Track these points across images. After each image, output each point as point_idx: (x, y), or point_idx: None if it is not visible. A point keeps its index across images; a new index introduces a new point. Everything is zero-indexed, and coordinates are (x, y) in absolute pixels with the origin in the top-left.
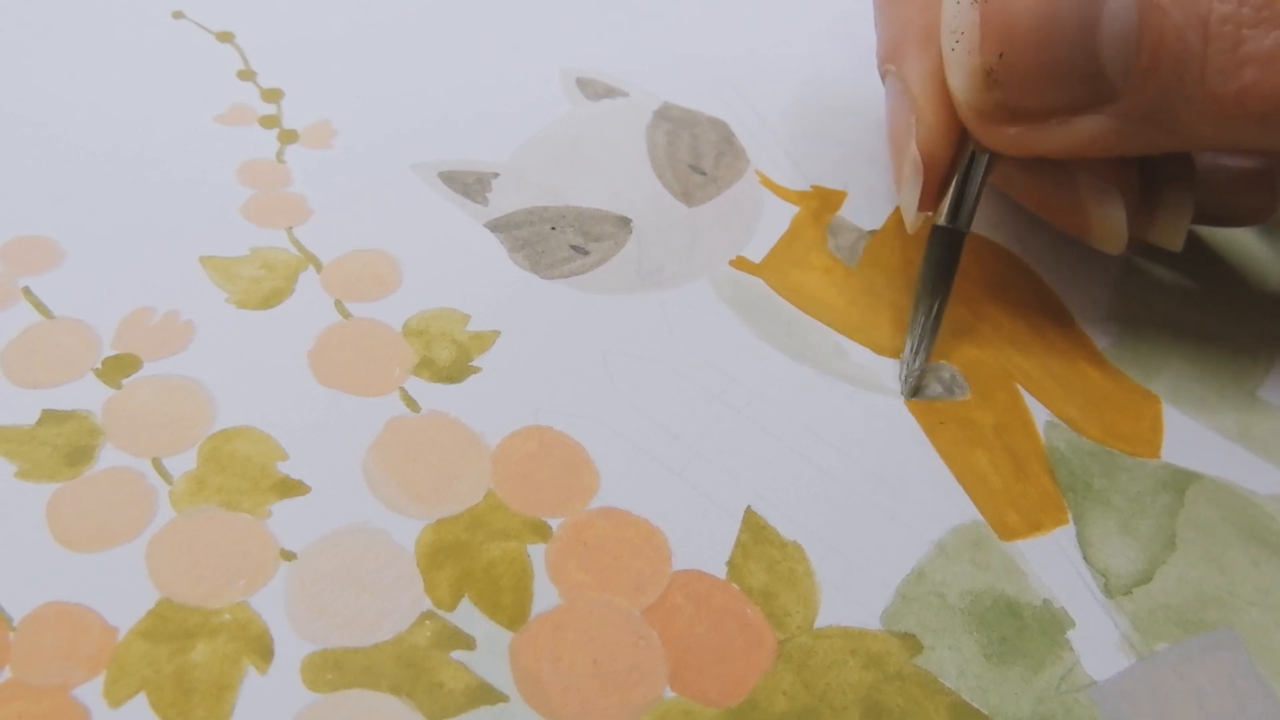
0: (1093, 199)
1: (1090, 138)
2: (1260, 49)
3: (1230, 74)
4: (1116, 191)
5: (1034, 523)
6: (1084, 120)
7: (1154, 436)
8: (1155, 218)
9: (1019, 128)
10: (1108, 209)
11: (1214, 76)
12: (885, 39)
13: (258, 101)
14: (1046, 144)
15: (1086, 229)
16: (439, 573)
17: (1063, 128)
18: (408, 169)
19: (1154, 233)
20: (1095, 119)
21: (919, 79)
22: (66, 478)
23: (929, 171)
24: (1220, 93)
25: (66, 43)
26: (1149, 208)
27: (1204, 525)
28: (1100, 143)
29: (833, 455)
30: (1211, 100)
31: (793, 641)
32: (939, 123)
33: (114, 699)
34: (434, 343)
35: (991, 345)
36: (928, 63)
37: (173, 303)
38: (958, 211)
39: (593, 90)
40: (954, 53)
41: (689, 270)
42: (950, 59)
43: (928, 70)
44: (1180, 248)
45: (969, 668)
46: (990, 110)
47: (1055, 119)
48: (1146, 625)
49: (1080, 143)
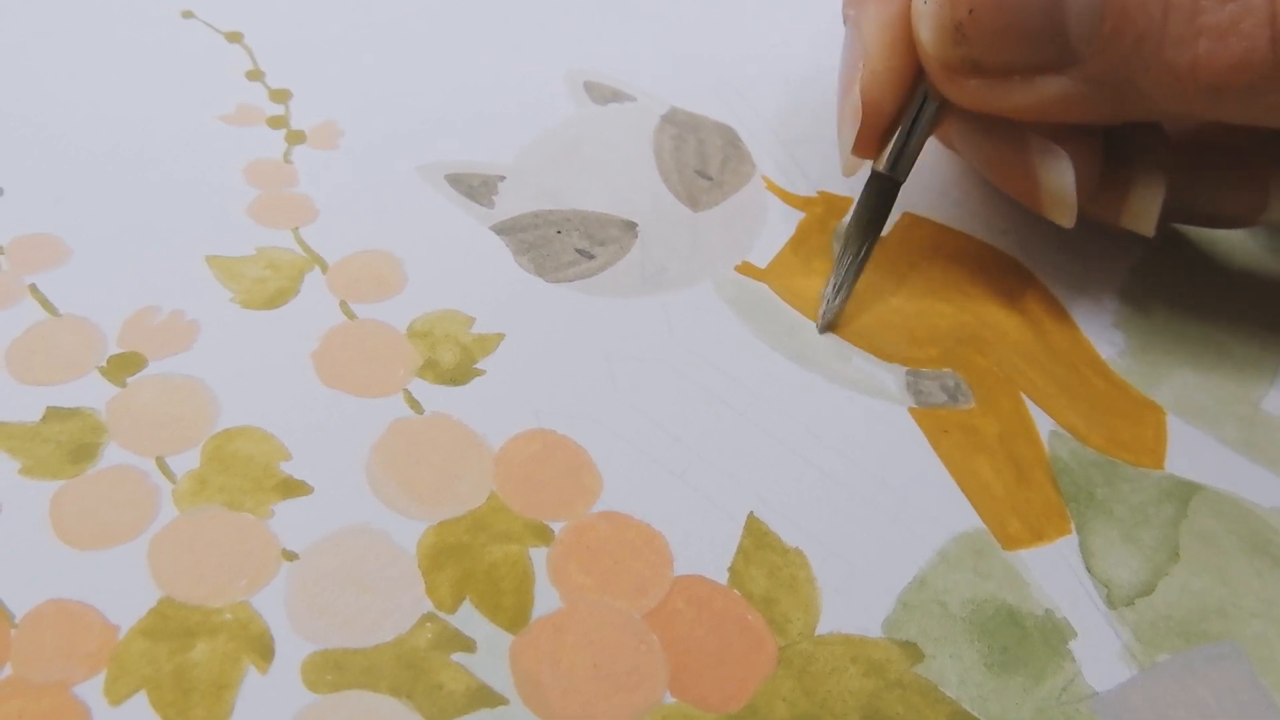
0: (1040, 160)
1: (1051, 99)
2: (1215, 21)
3: (1186, 44)
4: (1065, 153)
5: (1036, 532)
6: (1046, 81)
7: (1158, 447)
8: (1127, 200)
9: (982, 81)
10: (1056, 172)
11: (1171, 46)
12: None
13: (266, 102)
14: (1009, 101)
15: (1036, 196)
16: (440, 574)
17: (1025, 86)
18: (414, 171)
19: (1126, 216)
20: (1057, 80)
21: (874, 26)
22: (70, 475)
23: (868, 117)
24: (1175, 63)
25: (78, 42)
26: (1121, 190)
27: (1207, 536)
28: (1061, 105)
29: (835, 460)
30: (1167, 70)
31: (793, 648)
32: (886, 69)
33: (114, 697)
34: (438, 345)
35: (996, 353)
36: (886, 11)
37: (178, 302)
38: (898, 161)
39: (599, 94)
40: (925, 5)
41: (693, 274)
42: (920, 11)
43: (886, 18)
44: (1152, 233)
45: (970, 677)
46: (956, 64)
47: (1018, 77)
48: (1148, 636)
49: (1041, 103)
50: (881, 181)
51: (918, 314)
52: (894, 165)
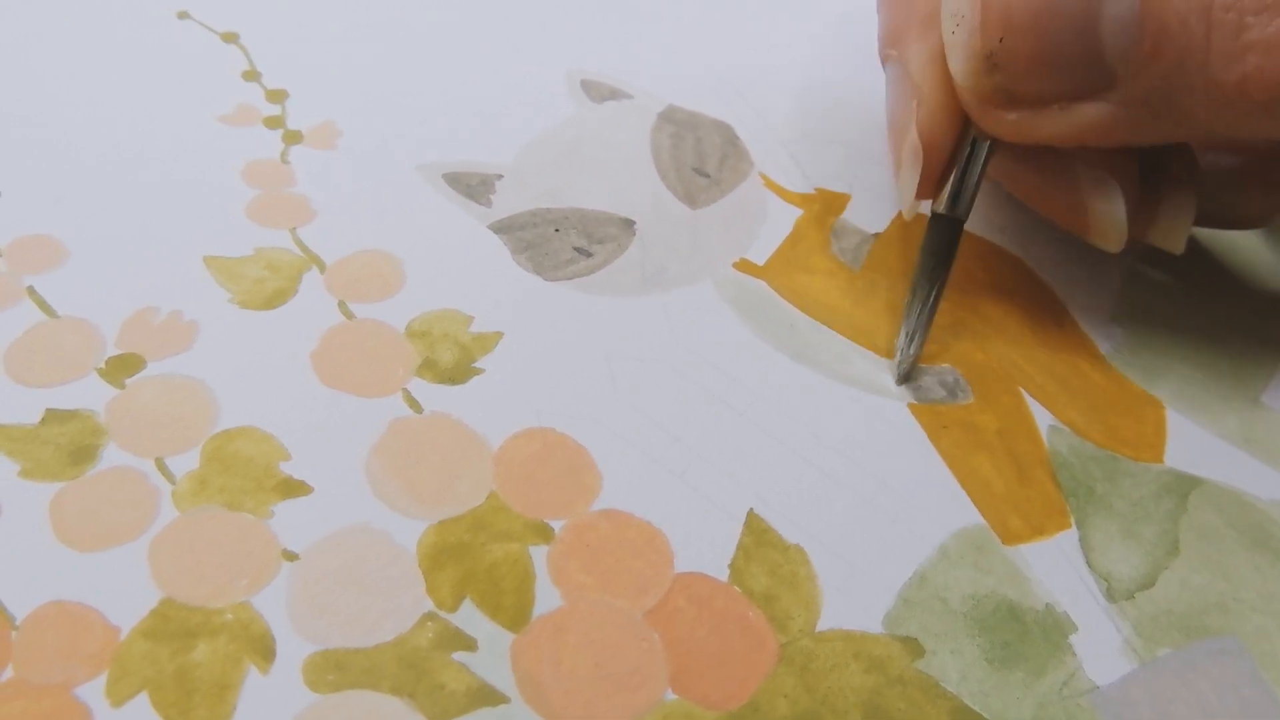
0: (1092, 191)
1: (1091, 125)
2: (1263, 36)
3: (1233, 61)
4: (1116, 184)
5: (1036, 527)
6: (1085, 107)
7: (1157, 441)
8: (1156, 218)
9: (1019, 113)
10: (1107, 202)
11: (1217, 63)
12: (887, 23)
13: (262, 102)
14: (1047, 130)
15: (1085, 224)
16: (441, 574)
17: (1063, 114)
18: (412, 170)
19: (1155, 234)
20: (1096, 106)
21: (920, 63)
22: (69, 477)
23: (929, 156)
24: (1223, 80)
25: (72, 43)
26: (1150, 208)
27: (1207, 530)
28: (1101, 130)
29: (835, 458)
30: (1214, 88)
31: (794, 645)
32: (940, 107)
33: (116, 698)
34: (437, 344)
35: (995, 349)
36: (929, 46)
37: (176, 303)
38: (957, 199)
39: (597, 92)
40: (954, 36)
41: (692, 272)
42: (950, 42)
43: (929, 54)
44: (1181, 250)
45: (971, 672)
46: (990, 95)
47: (1056, 105)
48: (1149, 630)
49: (1081, 129)
50: (943, 223)
51: None
52: (954, 204)
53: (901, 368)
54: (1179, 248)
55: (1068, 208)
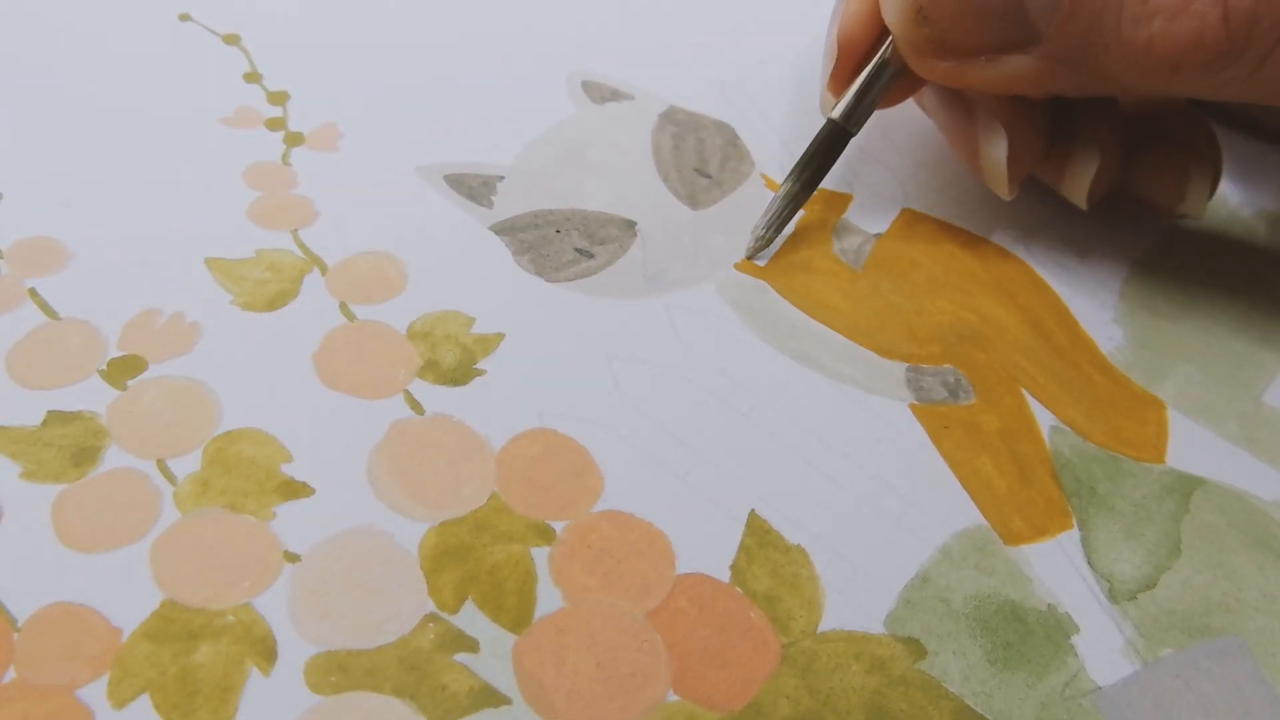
0: (983, 135)
1: (1016, 76)
2: (1168, 1)
3: (1141, 23)
4: (1003, 131)
5: (1038, 528)
6: (1010, 59)
7: (1159, 441)
8: (1065, 171)
9: (949, 62)
10: (992, 146)
11: (1128, 25)
12: None
13: (264, 104)
14: (975, 78)
15: (978, 165)
16: (443, 575)
17: (990, 65)
18: (413, 172)
19: (1064, 185)
20: (1021, 59)
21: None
22: (71, 479)
23: (842, 53)
24: (1133, 40)
25: (73, 45)
26: (1061, 162)
27: (1209, 531)
28: (1026, 81)
29: (837, 459)
30: (1125, 47)
31: (796, 646)
32: (860, 11)
33: (117, 700)
34: (439, 345)
35: (997, 350)
36: None
37: (178, 305)
38: (852, 112)
39: (598, 93)
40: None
41: (694, 273)
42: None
43: None
44: (1084, 205)
45: (973, 673)
46: (922, 45)
47: (983, 57)
48: (1151, 631)
49: (1008, 80)
50: (834, 129)
51: (918, 311)
52: (848, 116)
53: (750, 248)
54: (1082, 202)
55: (969, 148)
